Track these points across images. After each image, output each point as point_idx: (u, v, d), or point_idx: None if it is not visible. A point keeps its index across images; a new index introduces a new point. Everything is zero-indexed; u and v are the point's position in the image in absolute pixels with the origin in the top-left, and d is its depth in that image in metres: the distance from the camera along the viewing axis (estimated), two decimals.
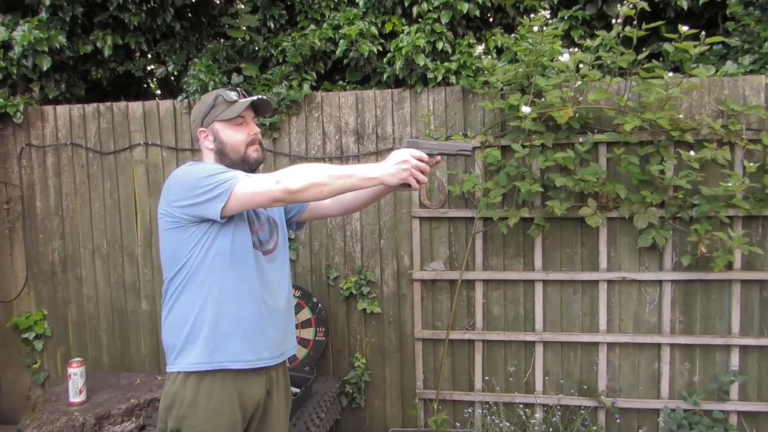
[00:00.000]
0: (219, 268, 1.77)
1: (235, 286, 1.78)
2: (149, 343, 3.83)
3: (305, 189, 1.63)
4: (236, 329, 1.79)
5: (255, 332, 1.81)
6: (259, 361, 1.83)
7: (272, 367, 1.91)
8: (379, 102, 3.55)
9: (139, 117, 3.75)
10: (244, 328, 1.80)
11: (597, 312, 3.34)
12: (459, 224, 3.48)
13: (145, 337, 3.84)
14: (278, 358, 1.91)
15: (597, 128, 3.24)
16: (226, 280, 1.77)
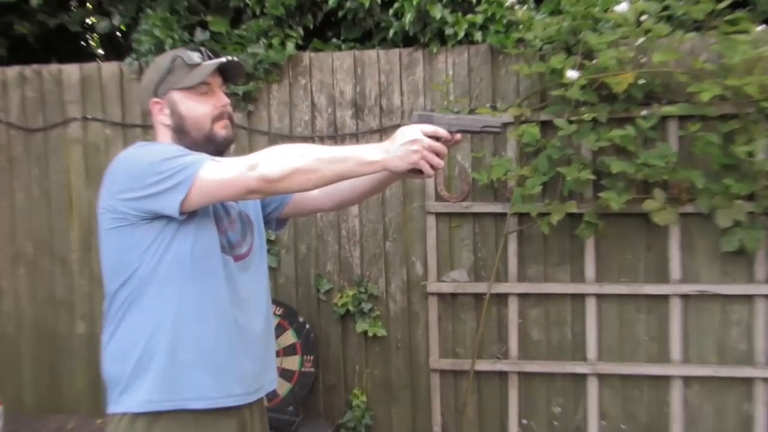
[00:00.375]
0: (177, 279, 1.78)
1: (197, 303, 1.79)
2: (86, 375, 3.86)
3: (287, 177, 1.64)
4: (199, 358, 1.80)
5: (223, 362, 1.82)
6: (228, 399, 1.84)
7: (245, 407, 1.92)
8: (383, 65, 3.62)
9: (76, 84, 3.83)
10: (210, 357, 1.81)
11: (668, 336, 3.38)
12: (487, 222, 3.54)
13: (81, 369, 3.88)
14: (254, 395, 1.92)
15: (665, 98, 3.27)
16: (186, 295, 1.79)
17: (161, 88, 1.86)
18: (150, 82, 1.88)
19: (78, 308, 3.90)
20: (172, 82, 1.85)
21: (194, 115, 1.85)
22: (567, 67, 3.16)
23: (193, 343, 1.79)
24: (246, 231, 1.97)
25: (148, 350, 1.78)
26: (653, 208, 3.18)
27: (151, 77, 1.89)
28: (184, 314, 1.79)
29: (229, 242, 1.89)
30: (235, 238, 1.91)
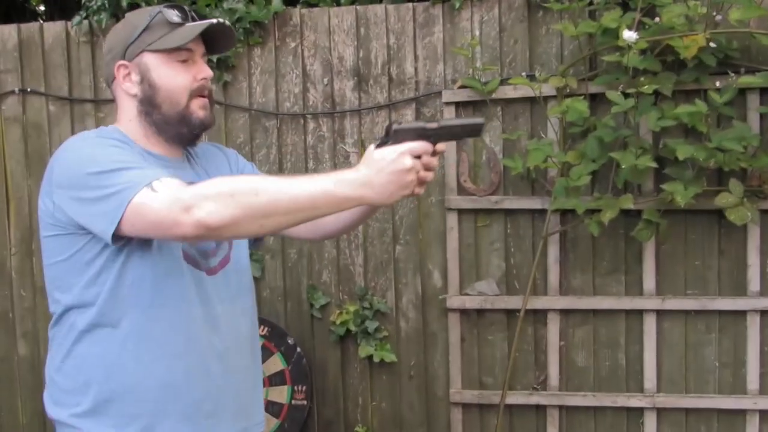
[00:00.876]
0: (136, 307, 1.79)
1: (163, 334, 1.80)
2: (30, 406, 3.87)
3: (232, 224, 1.57)
4: (168, 400, 1.82)
5: (198, 403, 1.84)
6: None
7: None
8: (393, 24, 3.57)
9: (13, 49, 3.79)
10: (181, 399, 1.82)
11: (744, 361, 3.35)
12: (521, 220, 3.50)
13: (24, 398, 3.89)
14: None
15: (745, 66, 3.23)
16: (149, 325, 1.80)
17: (131, 48, 1.84)
18: (118, 41, 1.88)
19: (19, 325, 3.89)
20: (146, 41, 1.83)
21: (169, 86, 1.84)
22: (623, 27, 3.09)
23: (160, 383, 1.80)
24: None
25: (104, 393, 1.79)
26: (729, 204, 3.14)
27: (119, 35, 1.88)
28: (148, 349, 1.79)
29: (200, 252, 1.88)
30: (209, 245, 1.91)
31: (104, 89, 3.70)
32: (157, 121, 1.86)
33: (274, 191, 1.58)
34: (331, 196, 1.57)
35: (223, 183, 1.63)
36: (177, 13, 1.84)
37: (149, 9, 1.89)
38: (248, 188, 1.58)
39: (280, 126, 3.67)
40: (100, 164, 1.69)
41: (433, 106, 3.54)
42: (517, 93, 3.43)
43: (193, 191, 1.60)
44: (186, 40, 1.80)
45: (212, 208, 1.54)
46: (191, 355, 1.82)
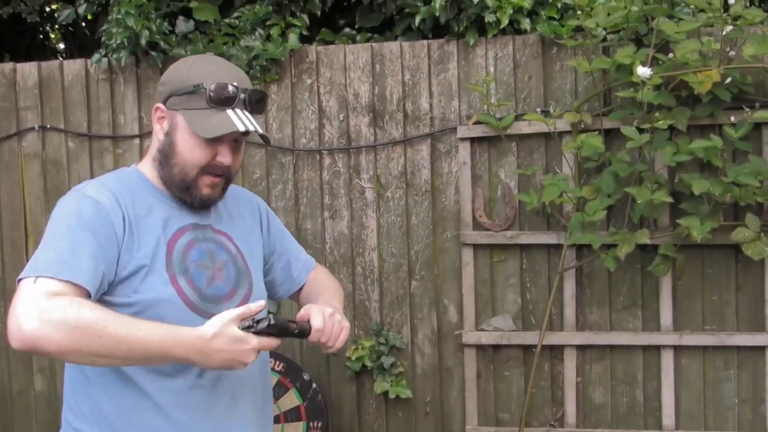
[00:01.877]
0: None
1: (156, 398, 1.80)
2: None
3: (66, 353, 1.60)
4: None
5: None
6: None
7: None
8: (408, 61, 3.57)
9: (33, 86, 3.81)
10: None
11: (763, 398, 3.32)
12: (537, 256, 3.48)
13: (39, 431, 3.89)
14: None
15: (759, 101, 3.22)
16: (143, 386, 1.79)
17: (172, 99, 1.85)
18: (168, 82, 1.89)
19: (36, 361, 3.88)
20: (185, 104, 1.83)
21: (185, 155, 1.84)
22: (637, 63, 3.09)
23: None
24: (240, 280, 1.94)
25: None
26: (745, 239, 3.13)
27: (172, 78, 1.89)
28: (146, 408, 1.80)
29: (213, 296, 1.86)
30: (222, 290, 1.88)
31: (122, 126, 3.77)
32: (164, 177, 1.87)
33: (114, 339, 1.57)
34: (165, 355, 1.62)
35: (72, 314, 1.55)
36: (225, 94, 1.81)
37: (203, 70, 1.85)
38: (93, 329, 1.55)
39: (296, 162, 3.67)
40: (59, 222, 1.73)
41: (448, 142, 3.54)
42: (532, 128, 3.43)
43: (44, 304, 1.55)
44: (213, 135, 1.79)
45: (41, 330, 1.52)
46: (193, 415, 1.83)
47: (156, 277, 1.77)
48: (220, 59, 2.01)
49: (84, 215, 1.72)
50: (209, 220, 1.93)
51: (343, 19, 4.01)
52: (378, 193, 3.61)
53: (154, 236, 1.80)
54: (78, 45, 4.57)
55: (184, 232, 1.86)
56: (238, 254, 1.95)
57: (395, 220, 3.60)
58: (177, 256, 1.81)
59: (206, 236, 1.90)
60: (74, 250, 1.65)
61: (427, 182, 3.56)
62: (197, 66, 1.88)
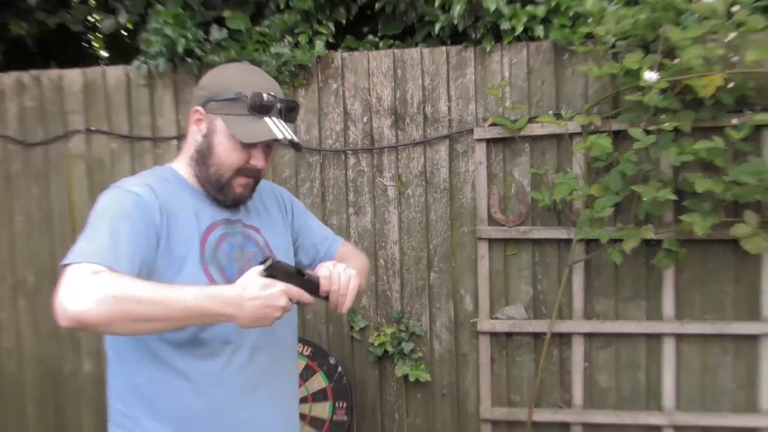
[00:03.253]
0: (171, 344, 1.80)
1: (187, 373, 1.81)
2: (94, 419, 3.83)
3: (107, 324, 1.53)
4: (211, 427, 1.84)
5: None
6: None
7: None
8: (428, 66, 3.49)
9: (79, 91, 3.76)
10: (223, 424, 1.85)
11: (757, 383, 3.26)
12: (548, 249, 3.41)
13: (89, 411, 3.84)
14: None
15: (760, 104, 3.14)
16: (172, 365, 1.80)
17: (212, 104, 1.85)
18: (207, 87, 1.89)
19: (84, 344, 3.85)
20: (225, 110, 1.84)
21: (222, 157, 1.85)
22: (644, 68, 3.03)
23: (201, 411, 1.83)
24: None
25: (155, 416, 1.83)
26: (744, 234, 3.06)
27: (212, 83, 1.89)
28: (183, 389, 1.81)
29: None
30: None
31: (161, 128, 3.74)
32: (200, 175, 1.88)
33: (152, 302, 1.55)
34: (202, 311, 1.60)
35: (111, 286, 1.53)
36: (263, 104, 1.82)
37: (242, 78, 1.86)
38: (131, 296, 1.53)
39: (323, 161, 3.60)
40: (100, 212, 1.71)
41: (465, 143, 3.46)
42: (544, 130, 3.36)
43: (84, 281, 1.53)
44: (252, 141, 1.81)
45: (84, 304, 1.49)
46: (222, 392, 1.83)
47: (190, 268, 1.77)
48: (257, 69, 1.96)
49: (124, 207, 1.71)
50: (239, 215, 1.94)
51: (367, 27, 3.94)
52: (399, 190, 3.55)
53: (189, 230, 1.81)
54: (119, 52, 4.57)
55: (216, 226, 1.87)
56: (265, 245, 1.96)
57: (415, 216, 3.53)
58: (209, 249, 1.82)
59: (236, 230, 1.91)
60: (114, 238, 1.63)
61: (446, 180, 3.49)
62: (238, 74, 1.88)
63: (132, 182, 1.81)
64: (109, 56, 4.78)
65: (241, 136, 1.79)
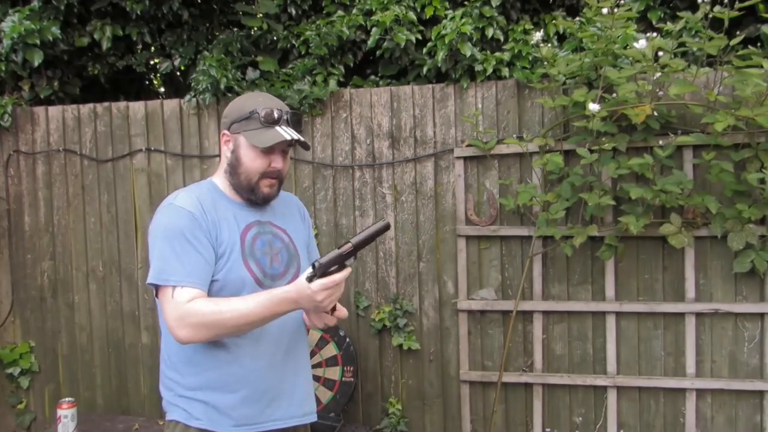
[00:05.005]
0: None
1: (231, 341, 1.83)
2: (149, 382, 3.88)
3: (203, 340, 1.72)
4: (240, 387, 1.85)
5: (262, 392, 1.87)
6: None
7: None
8: (417, 99, 3.56)
9: (141, 119, 3.85)
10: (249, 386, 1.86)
11: (683, 351, 3.28)
12: (513, 244, 3.45)
13: (146, 375, 3.90)
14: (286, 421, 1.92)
15: (681, 129, 3.19)
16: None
17: (234, 126, 1.87)
18: (229, 114, 1.90)
19: (142, 321, 3.91)
20: (244, 127, 1.85)
21: (247, 166, 1.86)
22: (588, 100, 3.10)
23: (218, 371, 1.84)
24: (291, 262, 1.95)
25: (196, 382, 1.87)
26: (670, 232, 3.12)
27: (232, 110, 1.90)
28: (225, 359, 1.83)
29: (271, 275, 1.88)
30: (278, 269, 1.91)
31: (208, 148, 3.78)
32: (234, 184, 1.88)
33: (234, 321, 1.68)
34: (273, 313, 1.70)
35: (201, 316, 1.67)
36: (272, 116, 1.84)
37: (254, 102, 1.87)
38: (217, 321, 1.67)
39: (335, 174, 3.66)
40: (160, 234, 1.77)
41: (447, 160, 3.52)
42: (510, 150, 3.41)
43: (183, 313, 1.68)
44: (267, 145, 1.81)
45: (190, 333, 1.68)
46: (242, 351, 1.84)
47: (234, 261, 1.80)
48: (265, 93, 1.99)
49: (184, 226, 1.76)
50: (268, 217, 1.93)
51: (370, 69, 4.02)
52: (395, 197, 3.60)
53: (230, 231, 1.83)
54: (174, 88, 4.62)
55: (251, 227, 1.88)
56: (290, 242, 1.96)
57: (408, 218, 3.59)
58: (247, 245, 1.84)
59: (266, 230, 1.91)
60: (185, 260, 1.73)
61: (432, 190, 3.55)
62: (251, 99, 1.91)
63: (183, 198, 1.82)
64: (165, 91, 4.81)
65: (258, 143, 1.81)
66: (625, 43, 3.17)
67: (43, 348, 4.01)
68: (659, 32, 3.36)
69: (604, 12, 3.07)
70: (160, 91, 4.93)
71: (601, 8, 3.09)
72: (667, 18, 3.68)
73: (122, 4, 3.95)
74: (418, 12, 3.79)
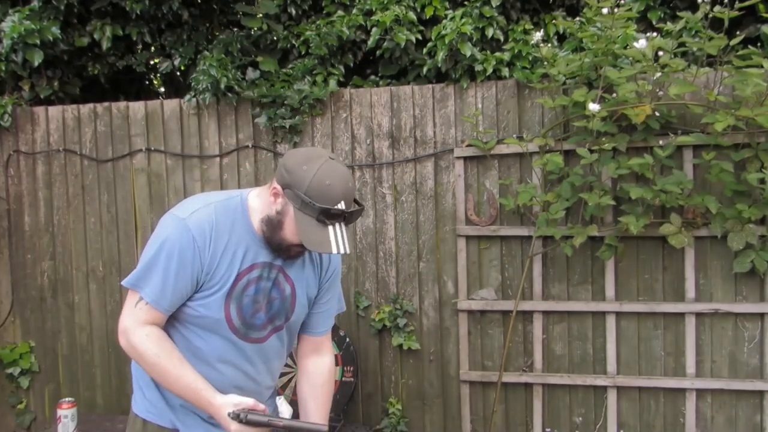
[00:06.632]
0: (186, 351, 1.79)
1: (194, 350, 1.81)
2: None
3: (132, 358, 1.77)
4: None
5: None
6: None
7: None
8: (417, 99, 3.56)
9: (141, 119, 3.84)
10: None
11: (683, 351, 3.27)
12: (513, 244, 3.45)
13: None
14: None
15: (681, 129, 3.19)
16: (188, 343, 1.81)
17: (289, 191, 1.68)
18: (287, 174, 1.69)
19: None
20: (298, 203, 1.67)
21: (287, 236, 1.73)
22: (588, 100, 3.09)
23: None
24: (278, 316, 1.87)
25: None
26: (670, 232, 3.12)
27: (291, 173, 1.68)
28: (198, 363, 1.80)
29: (251, 324, 1.82)
30: (260, 320, 1.84)
31: (208, 148, 3.77)
32: (265, 234, 1.76)
33: (160, 374, 1.71)
34: (193, 401, 1.72)
35: (143, 349, 1.70)
36: (329, 214, 1.64)
37: (320, 181, 1.64)
38: (152, 363, 1.71)
39: None
40: (155, 243, 1.74)
41: (447, 160, 3.52)
42: (510, 150, 3.41)
43: (133, 332, 1.71)
44: (311, 248, 1.68)
45: (126, 347, 1.74)
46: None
47: (215, 300, 1.74)
48: (339, 172, 1.68)
49: (181, 248, 1.70)
50: (281, 263, 1.82)
51: (370, 69, 4.02)
52: (395, 197, 3.60)
53: (232, 266, 1.74)
54: (174, 88, 4.62)
55: (254, 268, 1.78)
56: (290, 296, 1.85)
57: (408, 218, 3.59)
58: (239, 288, 1.76)
59: (271, 275, 1.80)
60: (166, 279, 1.70)
61: (432, 190, 3.55)
62: (318, 177, 1.65)
63: (196, 220, 1.73)
64: (165, 91, 4.81)
65: (305, 242, 1.66)
66: (625, 43, 3.17)
67: (43, 348, 4.00)
68: (659, 32, 3.36)
69: (604, 12, 3.07)
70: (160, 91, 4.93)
71: (601, 8, 3.09)
72: (667, 18, 3.68)
73: (122, 4, 3.95)
74: (418, 12, 3.79)
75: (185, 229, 1.70)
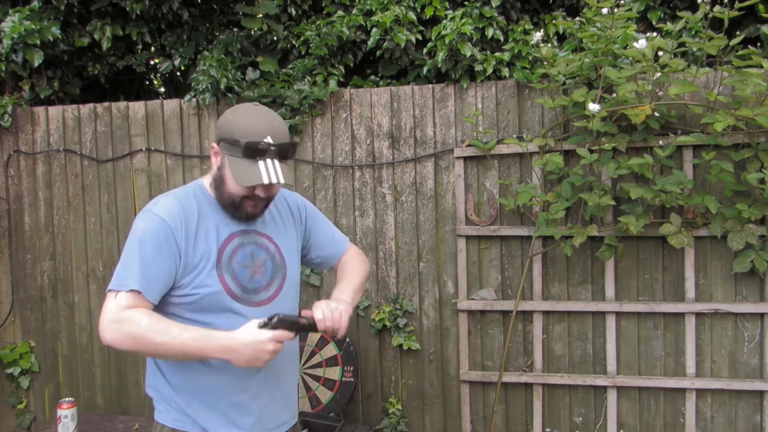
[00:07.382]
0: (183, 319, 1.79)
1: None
2: None
3: (127, 350, 1.68)
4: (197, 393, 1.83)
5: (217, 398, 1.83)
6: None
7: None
8: (417, 100, 3.56)
9: (141, 119, 3.85)
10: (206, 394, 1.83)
11: (683, 351, 3.28)
12: (513, 244, 3.45)
13: (145, 376, 3.85)
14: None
15: (681, 129, 3.20)
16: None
17: (222, 143, 1.78)
18: (218, 131, 1.80)
19: None
20: (229, 150, 1.75)
21: (230, 187, 1.78)
22: (588, 100, 3.10)
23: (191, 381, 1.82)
24: (276, 272, 1.89)
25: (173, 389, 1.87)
26: (669, 232, 3.12)
27: (220, 128, 1.79)
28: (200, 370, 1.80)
29: (253, 288, 1.83)
30: (261, 282, 1.85)
31: (208, 148, 3.76)
32: (217, 197, 1.82)
33: (161, 345, 1.64)
34: (202, 354, 1.66)
35: (132, 327, 1.63)
36: (255, 148, 1.71)
37: (242, 127, 1.73)
38: (145, 338, 1.63)
39: (335, 174, 3.66)
40: (130, 243, 1.73)
41: (447, 160, 3.52)
42: (510, 150, 3.41)
43: (118, 314, 1.65)
44: (243, 185, 1.72)
45: (116, 339, 1.64)
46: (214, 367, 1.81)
47: (207, 275, 1.75)
48: (262, 112, 1.79)
49: (153, 233, 1.71)
50: (255, 226, 1.87)
51: (370, 69, 4.03)
52: (395, 197, 3.60)
53: (208, 242, 1.77)
54: (174, 88, 4.63)
55: (233, 238, 1.81)
56: (276, 251, 1.89)
57: (408, 218, 3.59)
58: (225, 257, 1.78)
59: (250, 240, 1.84)
60: (144, 265, 1.68)
61: (432, 190, 3.55)
62: (240, 120, 1.75)
63: (163, 206, 1.76)
64: (165, 91, 4.81)
65: (236, 179, 1.72)
66: (625, 43, 3.17)
67: (43, 348, 4.01)
68: (659, 32, 3.36)
69: (604, 12, 3.07)
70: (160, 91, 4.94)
71: (601, 8, 3.09)
72: (667, 18, 3.69)
73: (122, 4, 3.96)
74: (418, 12, 3.80)
75: (153, 216, 1.73)
